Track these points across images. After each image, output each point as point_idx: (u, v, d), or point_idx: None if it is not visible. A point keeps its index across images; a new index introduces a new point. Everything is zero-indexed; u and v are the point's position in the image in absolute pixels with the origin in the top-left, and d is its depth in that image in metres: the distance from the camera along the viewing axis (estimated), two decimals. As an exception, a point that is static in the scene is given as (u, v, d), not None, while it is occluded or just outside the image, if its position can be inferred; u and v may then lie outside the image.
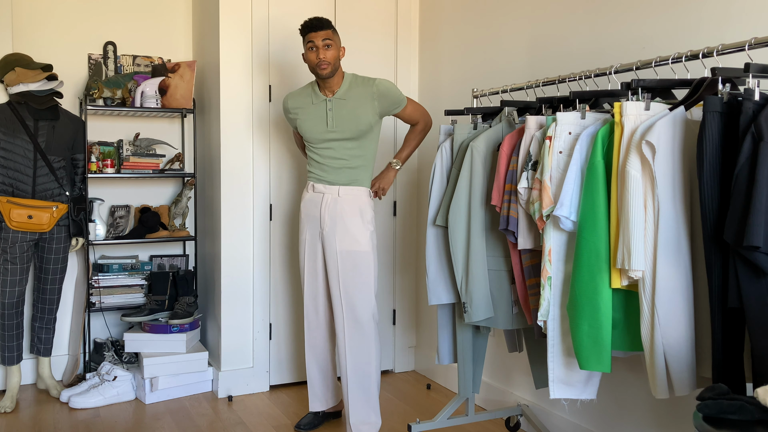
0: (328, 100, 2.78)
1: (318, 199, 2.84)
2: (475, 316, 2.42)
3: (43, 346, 3.48)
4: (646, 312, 1.83)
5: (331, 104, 2.78)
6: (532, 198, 2.14)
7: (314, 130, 2.81)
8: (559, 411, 2.89)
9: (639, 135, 1.82)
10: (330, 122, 2.77)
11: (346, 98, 2.77)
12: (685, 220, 1.82)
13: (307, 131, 2.83)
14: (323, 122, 2.79)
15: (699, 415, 1.35)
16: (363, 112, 2.77)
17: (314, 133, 2.81)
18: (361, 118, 2.77)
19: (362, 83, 2.81)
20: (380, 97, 2.78)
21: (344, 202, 2.80)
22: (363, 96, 2.78)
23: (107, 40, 3.81)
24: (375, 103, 2.78)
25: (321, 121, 2.79)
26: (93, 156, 3.56)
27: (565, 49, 2.83)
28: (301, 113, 2.84)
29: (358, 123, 2.77)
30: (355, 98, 2.78)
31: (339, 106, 2.78)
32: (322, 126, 2.79)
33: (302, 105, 2.85)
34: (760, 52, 2.02)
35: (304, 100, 2.85)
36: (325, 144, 2.80)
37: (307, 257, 2.89)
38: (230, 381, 3.50)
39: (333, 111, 2.77)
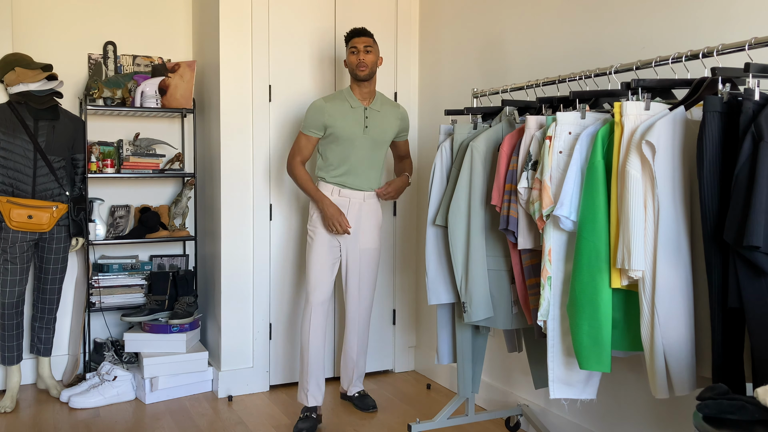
0: (366, 108, 3.10)
1: (344, 203, 3.10)
2: (475, 316, 2.42)
3: (43, 346, 3.48)
4: (646, 312, 1.83)
5: (368, 112, 3.11)
6: (532, 198, 2.14)
7: (353, 131, 3.06)
8: (559, 411, 2.89)
9: (639, 135, 1.82)
10: (367, 127, 3.09)
11: (380, 110, 3.14)
12: (685, 220, 1.82)
13: (347, 131, 3.05)
14: (361, 126, 3.08)
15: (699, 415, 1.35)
16: (389, 127, 3.16)
17: (351, 134, 3.06)
18: (388, 132, 3.16)
19: (390, 103, 3.20)
20: (402, 120, 3.23)
21: (368, 206, 3.16)
22: (392, 114, 3.19)
23: (107, 40, 3.81)
24: (398, 122, 3.20)
25: (359, 124, 3.08)
26: (93, 156, 3.56)
27: (565, 49, 2.83)
28: (339, 116, 3.05)
29: (385, 134, 3.15)
30: (386, 113, 3.17)
31: (374, 115, 3.12)
32: (359, 129, 3.08)
33: (340, 109, 3.06)
34: (760, 52, 2.02)
35: (342, 105, 3.07)
36: (359, 145, 3.08)
37: (321, 252, 3.09)
38: (230, 381, 3.50)
39: (369, 119, 3.10)
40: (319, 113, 3.03)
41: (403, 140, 3.31)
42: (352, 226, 3.10)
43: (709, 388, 1.39)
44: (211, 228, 3.67)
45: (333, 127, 3.04)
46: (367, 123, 3.08)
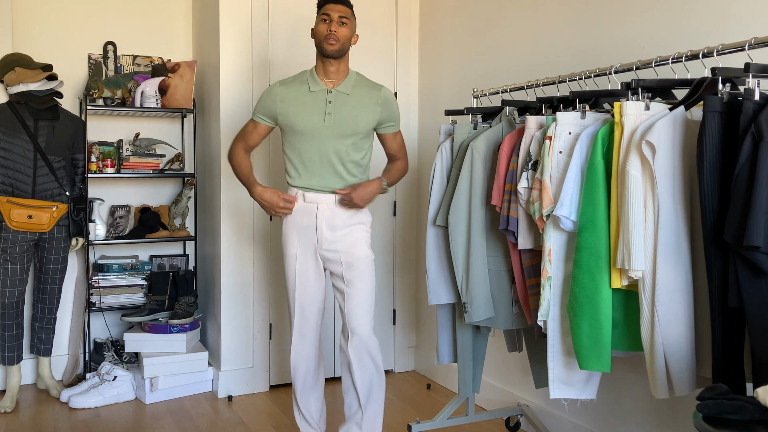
0: (330, 92, 2.49)
1: (312, 209, 2.54)
2: (476, 316, 2.42)
3: (43, 346, 3.48)
4: (646, 312, 1.83)
5: (332, 96, 2.49)
6: (532, 198, 2.14)
7: (308, 122, 2.48)
8: (559, 411, 2.89)
9: (639, 135, 1.82)
10: (328, 116, 2.47)
11: (350, 94, 2.51)
12: (685, 220, 1.82)
13: (300, 123, 2.49)
14: (320, 115, 2.48)
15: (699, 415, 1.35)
16: (363, 114, 2.52)
17: (308, 125, 2.48)
18: (360, 120, 2.51)
19: (368, 84, 2.58)
20: (384, 104, 2.56)
21: (342, 211, 2.55)
22: (367, 97, 2.53)
23: (107, 40, 3.81)
24: (378, 108, 2.54)
25: (318, 112, 2.48)
26: (93, 156, 3.56)
27: (565, 49, 2.83)
28: (294, 103, 2.51)
29: (356, 123, 2.51)
30: (359, 98, 2.52)
31: (340, 101, 2.50)
32: (319, 118, 2.48)
33: (296, 94, 2.52)
34: (760, 52, 2.02)
35: (299, 89, 2.52)
36: (321, 138, 2.49)
37: (299, 273, 2.58)
38: (230, 381, 3.50)
39: (333, 104, 2.48)
40: (269, 99, 2.54)
41: (390, 133, 2.62)
42: (326, 239, 2.53)
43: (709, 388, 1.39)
44: (211, 228, 3.68)
45: (286, 116, 2.51)
46: (330, 109, 2.47)
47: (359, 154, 2.56)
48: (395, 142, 2.67)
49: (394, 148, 2.68)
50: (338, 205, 2.53)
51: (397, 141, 2.67)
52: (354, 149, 2.53)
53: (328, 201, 2.53)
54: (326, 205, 2.53)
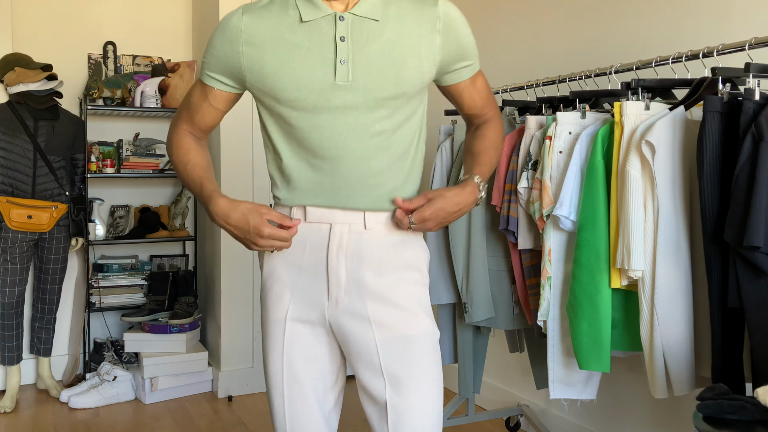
0: (340, 18, 1.28)
1: (319, 237, 1.35)
2: (476, 317, 2.42)
3: (43, 346, 3.48)
4: (645, 312, 1.83)
5: (345, 27, 1.28)
6: (532, 198, 2.14)
7: (305, 82, 1.28)
8: (559, 411, 2.89)
9: (639, 135, 1.82)
10: (341, 67, 1.27)
11: (379, 19, 1.30)
12: (685, 220, 1.82)
13: (289, 86, 1.29)
14: (327, 66, 1.27)
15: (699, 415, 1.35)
16: (411, 55, 1.30)
17: (305, 89, 1.28)
18: (407, 68, 1.30)
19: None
20: (447, 32, 1.33)
21: (379, 241, 1.35)
22: (413, 21, 1.31)
23: (107, 40, 3.81)
24: (437, 39, 1.32)
25: (321, 62, 1.28)
26: (93, 156, 3.56)
27: (565, 49, 2.83)
28: (273, 47, 1.29)
29: (399, 76, 1.29)
30: (397, 23, 1.30)
31: (363, 34, 1.29)
32: (321, 75, 1.28)
33: (275, 29, 1.30)
34: (760, 51, 2.02)
35: (280, 19, 1.30)
36: (325, 118, 1.30)
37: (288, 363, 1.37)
38: (230, 381, 3.50)
39: (350, 43, 1.28)
40: (224, 41, 1.32)
41: (467, 79, 1.43)
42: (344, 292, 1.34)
43: (708, 388, 1.39)
44: (211, 228, 3.67)
45: (260, 74, 1.31)
46: (345, 53, 1.28)
47: (405, 134, 1.35)
48: (477, 91, 1.45)
49: (477, 101, 1.46)
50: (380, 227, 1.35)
51: (478, 90, 1.45)
52: (395, 124, 1.32)
53: (351, 221, 1.33)
54: (347, 229, 1.33)
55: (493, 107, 1.50)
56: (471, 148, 1.46)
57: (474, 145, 1.46)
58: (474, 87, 1.45)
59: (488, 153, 1.44)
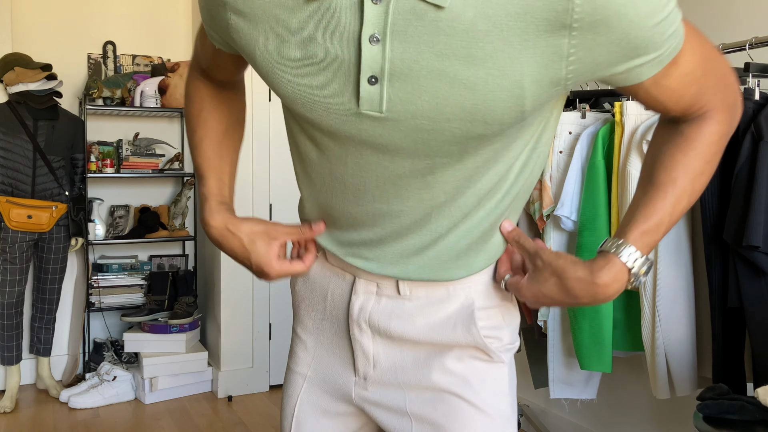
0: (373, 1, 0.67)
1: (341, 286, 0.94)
2: (475, 316, 2.41)
3: (43, 346, 3.48)
4: (646, 312, 1.83)
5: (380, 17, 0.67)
6: (533, 198, 2.14)
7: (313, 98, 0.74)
8: (559, 411, 2.89)
9: (640, 134, 1.82)
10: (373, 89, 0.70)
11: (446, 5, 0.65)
12: (686, 220, 1.82)
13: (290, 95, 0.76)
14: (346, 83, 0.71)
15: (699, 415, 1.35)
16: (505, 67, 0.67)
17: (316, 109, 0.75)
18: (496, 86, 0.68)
19: None
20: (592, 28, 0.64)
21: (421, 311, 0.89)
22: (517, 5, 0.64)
23: (107, 39, 3.81)
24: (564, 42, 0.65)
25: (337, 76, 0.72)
26: (92, 156, 3.56)
27: (565, 49, 2.82)
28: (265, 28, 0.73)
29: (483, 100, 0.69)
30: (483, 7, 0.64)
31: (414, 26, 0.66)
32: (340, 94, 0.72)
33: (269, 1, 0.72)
34: (760, 51, 2.02)
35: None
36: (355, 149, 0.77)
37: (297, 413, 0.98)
38: (230, 381, 3.50)
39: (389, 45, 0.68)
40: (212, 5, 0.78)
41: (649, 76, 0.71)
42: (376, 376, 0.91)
43: (709, 389, 1.39)
44: (211, 228, 3.67)
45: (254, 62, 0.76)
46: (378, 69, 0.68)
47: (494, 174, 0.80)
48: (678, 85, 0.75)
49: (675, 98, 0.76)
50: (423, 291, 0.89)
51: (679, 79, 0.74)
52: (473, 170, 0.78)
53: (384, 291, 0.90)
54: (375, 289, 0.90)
55: (713, 97, 0.79)
56: (652, 171, 0.81)
57: (661, 161, 0.81)
58: (669, 80, 0.74)
59: (679, 190, 0.79)
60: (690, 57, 0.75)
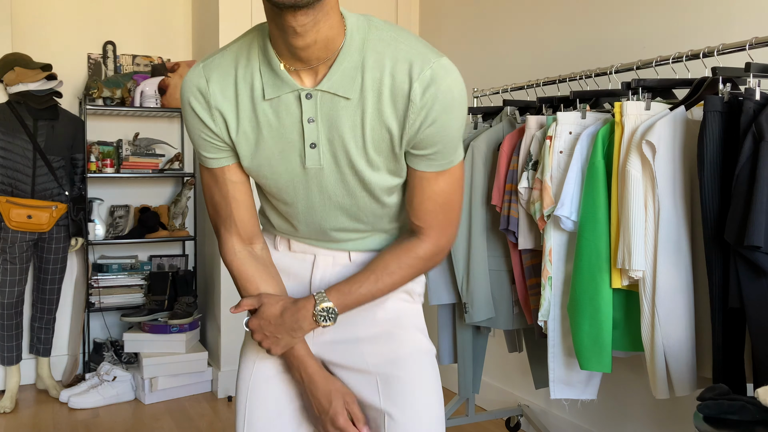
0: (307, 96, 1.09)
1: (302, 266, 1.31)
2: (476, 317, 2.42)
3: (43, 346, 3.48)
4: (646, 312, 1.83)
5: (313, 106, 1.10)
6: (533, 198, 2.14)
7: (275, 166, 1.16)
8: (560, 411, 2.89)
9: (639, 135, 1.82)
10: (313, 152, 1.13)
11: (350, 96, 1.09)
12: (686, 220, 1.81)
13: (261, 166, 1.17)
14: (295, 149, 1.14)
15: (699, 416, 1.34)
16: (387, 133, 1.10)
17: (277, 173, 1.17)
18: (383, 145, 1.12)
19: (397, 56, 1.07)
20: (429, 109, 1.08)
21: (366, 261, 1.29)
22: (391, 93, 1.08)
23: (107, 39, 3.81)
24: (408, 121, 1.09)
25: (290, 146, 1.14)
26: (92, 156, 3.56)
27: (565, 49, 2.82)
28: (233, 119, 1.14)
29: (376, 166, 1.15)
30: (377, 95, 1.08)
31: (333, 110, 1.10)
32: (294, 157, 1.15)
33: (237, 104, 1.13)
34: (760, 51, 2.02)
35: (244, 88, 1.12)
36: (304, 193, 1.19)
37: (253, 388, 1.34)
38: (230, 381, 3.50)
39: (319, 123, 1.11)
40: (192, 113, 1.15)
41: (430, 170, 1.15)
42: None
43: (709, 389, 1.39)
44: (211, 228, 3.67)
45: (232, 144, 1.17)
46: (315, 138, 1.12)
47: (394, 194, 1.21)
48: (432, 191, 1.18)
49: (423, 204, 1.18)
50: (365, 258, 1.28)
51: (436, 190, 1.18)
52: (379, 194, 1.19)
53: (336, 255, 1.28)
54: (332, 261, 1.28)
55: (436, 227, 1.19)
56: (372, 262, 1.22)
57: (377, 257, 1.23)
58: (429, 184, 1.14)
59: (376, 277, 1.20)
60: (448, 183, 1.17)
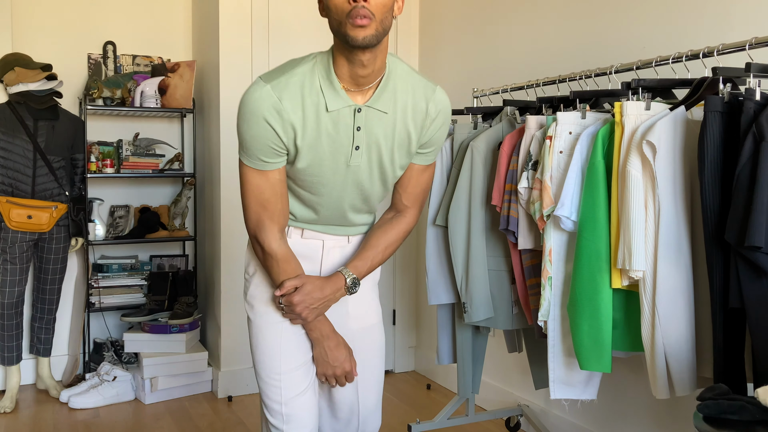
0: (358, 111, 1.46)
1: (313, 249, 1.66)
2: (476, 317, 2.42)
3: (43, 347, 3.48)
4: (646, 312, 1.83)
5: (362, 117, 1.47)
6: (533, 198, 2.14)
7: (328, 163, 1.51)
8: (559, 411, 2.89)
9: (639, 135, 1.82)
10: (357, 152, 1.50)
11: (388, 112, 1.49)
12: (686, 220, 1.81)
13: (313, 162, 1.50)
14: (345, 150, 1.50)
15: (699, 416, 1.34)
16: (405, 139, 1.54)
17: (326, 168, 1.52)
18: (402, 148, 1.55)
19: (416, 88, 1.52)
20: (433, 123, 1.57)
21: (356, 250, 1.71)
22: (413, 112, 1.52)
23: (107, 39, 3.81)
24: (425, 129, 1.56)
25: (341, 147, 1.49)
26: (92, 156, 3.56)
27: (565, 49, 2.82)
28: (306, 132, 1.47)
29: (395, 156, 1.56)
30: (401, 113, 1.51)
31: (375, 122, 1.49)
32: (343, 157, 1.51)
33: (307, 115, 1.45)
34: (760, 51, 2.02)
35: (311, 105, 1.45)
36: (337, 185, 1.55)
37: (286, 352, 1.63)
38: (230, 381, 3.50)
39: (365, 131, 1.48)
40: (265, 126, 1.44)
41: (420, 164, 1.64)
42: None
43: (709, 389, 1.39)
44: (211, 228, 3.67)
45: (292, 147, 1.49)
46: (360, 142, 1.49)
47: (386, 192, 1.67)
48: (419, 182, 1.65)
49: (411, 189, 1.65)
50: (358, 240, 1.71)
51: (422, 181, 1.65)
52: (383, 190, 1.64)
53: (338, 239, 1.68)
54: (336, 243, 1.68)
55: (418, 207, 1.69)
56: (368, 239, 1.66)
57: (373, 236, 1.67)
58: (421, 175, 1.65)
59: (378, 251, 1.64)
60: (430, 176, 1.66)
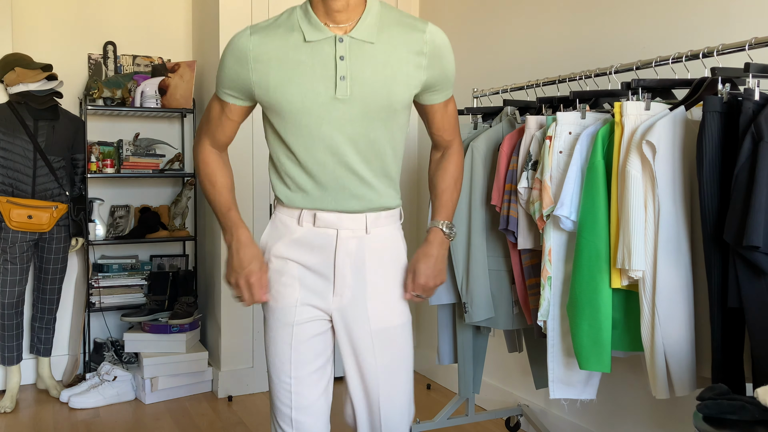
0: (340, 40, 1.45)
1: (326, 240, 1.54)
2: (476, 317, 2.42)
3: (43, 346, 3.48)
4: (646, 312, 1.83)
5: (344, 47, 1.45)
6: (532, 198, 2.14)
7: (308, 96, 1.45)
8: (559, 411, 2.89)
9: (639, 135, 1.82)
10: (341, 83, 1.45)
11: (374, 42, 1.47)
12: (685, 220, 1.82)
13: (293, 99, 1.46)
14: (328, 81, 1.45)
15: (699, 416, 1.35)
16: (400, 73, 1.48)
17: (307, 102, 1.46)
18: (397, 84, 1.48)
19: (401, 22, 1.50)
20: (433, 55, 1.50)
21: (378, 245, 1.57)
22: (403, 44, 1.48)
23: (107, 40, 3.81)
24: (423, 61, 1.49)
25: (323, 78, 1.45)
26: (93, 156, 3.56)
27: (565, 49, 2.83)
28: (278, 64, 1.46)
29: (392, 87, 1.48)
30: (389, 44, 1.48)
31: (359, 54, 1.46)
32: (324, 88, 1.45)
33: (280, 48, 1.46)
34: (760, 52, 2.02)
35: (286, 38, 1.46)
36: (326, 129, 1.48)
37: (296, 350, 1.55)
38: (230, 381, 3.50)
39: (348, 61, 1.45)
40: (235, 60, 1.48)
41: (440, 102, 1.61)
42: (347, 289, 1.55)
43: (709, 389, 1.39)
44: (211, 228, 3.67)
45: (266, 88, 1.48)
46: (344, 70, 1.45)
47: (395, 140, 1.55)
48: (447, 117, 1.64)
49: (444, 125, 1.64)
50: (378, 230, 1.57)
51: (449, 114, 1.64)
52: (387, 135, 1.53)
53: (354, 227, 1.54)
54: (351, 233, 1.55)
55: (458, 135, 1.68)
56: (435, 184, 1.67)
57: (437, 181, 1.67)
58: (445, 111, 1.63)
59: (450, 191, 1.65)
60: (454, 107, 1.64)
